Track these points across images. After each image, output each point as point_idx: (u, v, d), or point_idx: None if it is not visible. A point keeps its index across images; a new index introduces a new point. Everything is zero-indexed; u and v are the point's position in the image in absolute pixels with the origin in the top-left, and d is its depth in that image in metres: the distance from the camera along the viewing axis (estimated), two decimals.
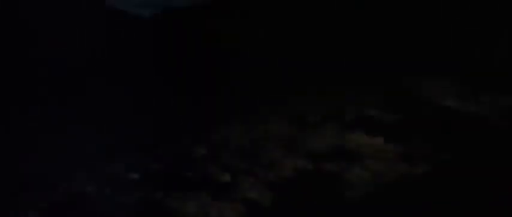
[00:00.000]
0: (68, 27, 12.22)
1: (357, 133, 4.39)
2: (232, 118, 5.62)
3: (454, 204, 2.75)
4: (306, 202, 2.72)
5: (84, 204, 2.69)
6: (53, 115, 7.71)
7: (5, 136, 5.72)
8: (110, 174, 3.26)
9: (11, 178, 3.37)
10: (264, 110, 6.29)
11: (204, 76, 13.84)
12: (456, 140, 4.39)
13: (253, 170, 3.29)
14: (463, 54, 12.64)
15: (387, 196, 2.81)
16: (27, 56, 9.27)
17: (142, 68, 13.27)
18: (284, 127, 4.93)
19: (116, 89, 11.20)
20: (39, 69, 9.13)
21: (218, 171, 3.26)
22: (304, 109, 6.46)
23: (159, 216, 2.58)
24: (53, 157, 4.02)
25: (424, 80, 8.48)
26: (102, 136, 5.00)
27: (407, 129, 4.79)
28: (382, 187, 2.94)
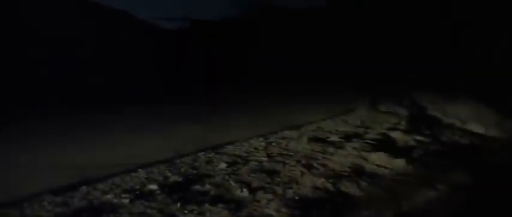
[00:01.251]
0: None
1: (378, 153, 4.32)
2: (253, 134, 5.62)
3: None
4: None
5: (103, 212, 2.70)
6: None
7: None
8: (129, 184, 3.28)
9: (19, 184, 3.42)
10: (285, 126, 6.27)
11: (225, 88, 13.89)
12: (480, 164, 4.26)
13: (271, 187, 3.26)
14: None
15: None
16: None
17: (156, 76, 13.46)
18: (304, 145, 4.89)
19: (128, 96, 11.28)
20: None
21: (236, 186, 3.25)
22: (325, 127, 6.41)
23: None
24: (65, 162, 4.07)
25: (448, 103, 8.30)
26: (115, 143, 5.06)
27: (429, 151, 4.68)
28: (402, 211, 2.86)
